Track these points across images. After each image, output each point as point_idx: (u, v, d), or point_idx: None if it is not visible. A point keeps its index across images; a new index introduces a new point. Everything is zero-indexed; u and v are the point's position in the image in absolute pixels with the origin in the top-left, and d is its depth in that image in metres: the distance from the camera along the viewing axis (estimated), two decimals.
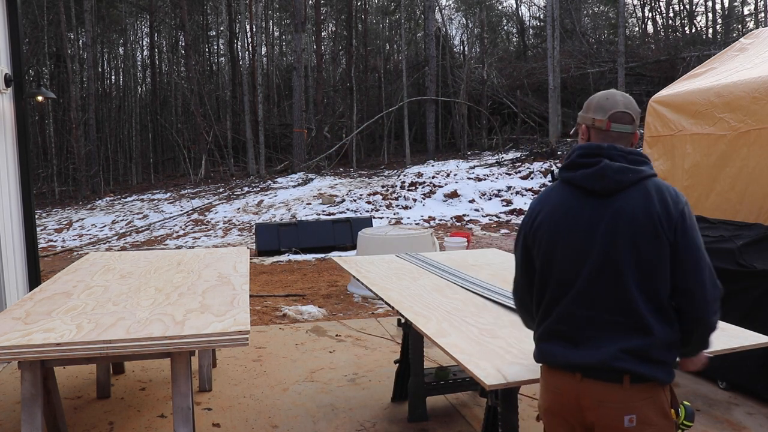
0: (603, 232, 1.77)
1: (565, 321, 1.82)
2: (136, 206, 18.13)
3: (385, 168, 22.65)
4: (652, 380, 1.76)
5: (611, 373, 1.74)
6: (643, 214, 1.74)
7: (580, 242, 1.80)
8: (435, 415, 3.70)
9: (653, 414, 1.76)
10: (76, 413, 3.79)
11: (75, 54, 26.74)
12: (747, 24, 26.56)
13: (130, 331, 2.58)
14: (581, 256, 1.79)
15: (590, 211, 1.80)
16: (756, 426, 3.50)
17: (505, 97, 25.49)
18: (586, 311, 1.79)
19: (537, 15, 33.69)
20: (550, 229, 1.85)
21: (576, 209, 1.82)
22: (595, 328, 1.77)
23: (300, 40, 22.45)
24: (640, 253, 1.73)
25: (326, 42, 32.54)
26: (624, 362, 1.73)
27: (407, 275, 3.75)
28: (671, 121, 5.37)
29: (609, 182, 1.77)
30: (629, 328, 1.74)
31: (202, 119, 25.01)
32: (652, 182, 1.79)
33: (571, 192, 1.85)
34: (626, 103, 1.90)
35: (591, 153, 1.82)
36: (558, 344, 1.83)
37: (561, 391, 1.83)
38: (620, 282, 1.74)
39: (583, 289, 1.79)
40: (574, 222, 1.81)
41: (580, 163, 1.83)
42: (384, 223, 12.89)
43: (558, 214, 1.85)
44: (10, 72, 5.02)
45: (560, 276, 1.83)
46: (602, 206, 1.78)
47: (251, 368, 4.57)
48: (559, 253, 1.83)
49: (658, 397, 1.78)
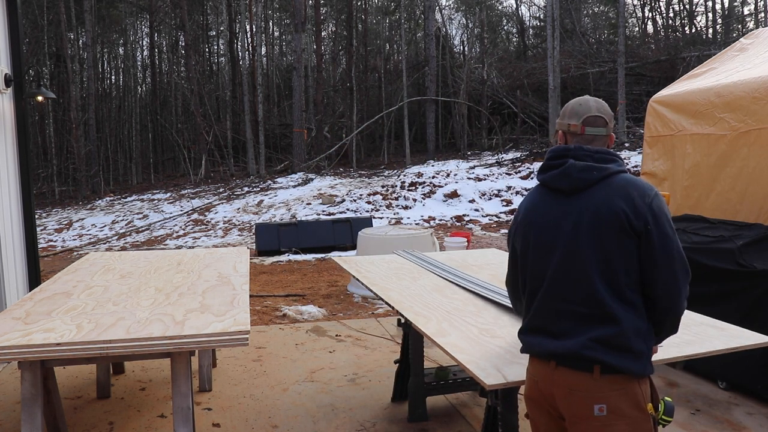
0: (568, 228, 1.86)
1: (541, 314, 1.93)
2: (136, 206, 18.13)
3: (385, 168, 22.65)
4: (625, 371, 1.79)
5: (582, 361, 1.80)
6: (606, 210, 1.81)
7: (548, 239, 1.91)
8: (435, 415, 3.70)
9: (626, 406, 1.79)
10: (76, 413, 3.79)
11: (75, 54, 26.74)
12: (747, 24, 26.57)
13: (130, 331, 2.58)
14: (549, 252, 1.91)
15: (557, 208, 1.91)
16: (756, 426, 3.50)
17: (505, 97, 25.49)
18: (557, 304, 1.88)
19: (537, 15, 33.71)
20: (524, 228, 1.99)
21: (545, 208, 1.94)
22: (567, 320, 1.86)
23: (300, 40, 22.46)
24: (603, 247, 1.81)
25: (326, 42, 32.54)
26: (593, 351, 1.79)
27: (407, 275, 3.75)
28: (671, 121, 5.37)
29: (574, 181, 1.87)
30: (597, 318, 1.81)
31: (202, 119, 25.02)
32: (620, 178, 1.86)
33: (544, 192, 1.97)
34: (599, 107, 1.98)
35: (558, 155, 1.94)
36: (537, 336, 1.93)
37: (538, 378, 1.93)
38: (584, 275, 1.83)
39: (552, 283, 1.89)
40: (544, 220, 1.93)
41: (549, 165, 1.95)
42: (384, 223, 12.90)
43: (532, 213, 1.98)
44: (10, 72, 5.02)
45: (533, 272, 1.96)
46: (568, 204, 1.89)
47: (251, 368, 4.57)
48: (531, 250, 1.96)
49: (632, 389, 1.81)
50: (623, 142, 19.49)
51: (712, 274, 3.94)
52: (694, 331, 2.54)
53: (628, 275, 1.81)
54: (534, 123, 24.56)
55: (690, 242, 4.17)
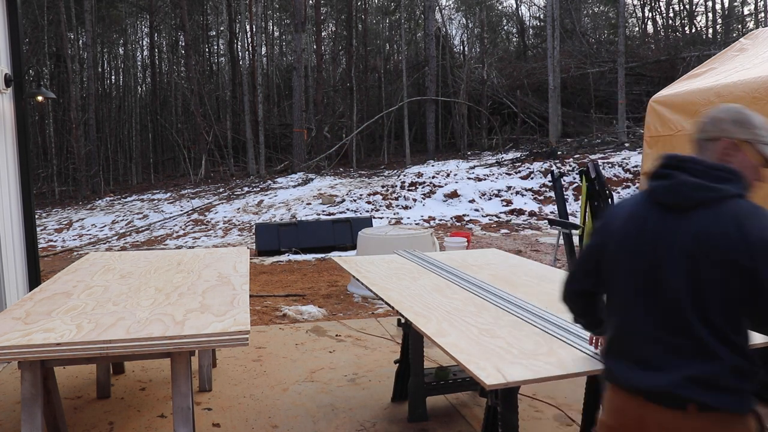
0: (664, 248, 1.65)
1: (627, 337, 1.74)
2: (136, 206, 18.13)
3: (385, 168, 22.65)
4: (723, 409, 1.60)
5: (675, 400, 1.61)
6: (712, 238, 1.59)
7: (642, 254, 1.70)
8: (435, 415, 3.70)
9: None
10: (76, 413, 3.79)
11: (75, 54, 26.74)
12: (747, 24, 26.58)
13: (130, 331, 2.58)
14: (641, 271, 1.70)
15: (657, 225, 1.69)
16: None
17: (505, 97, 25.50)
18: (647, 330, 1.68)
19: (537, 15, 33.71)
20: (618, 238, 1.77)
21: (643, 221, 1.72)
22: (657, 349, 1.66)
23: (300, 40, 22.46)
24: (699, 277, 1.60)
25: (326, 42, 32.54)
26: (688, 390, 1.60)
27: (407, 275, 3.75)
28: (671, 121, 5.38)
29: (681, 198, 1.65)
30: (693, 352, 1.61)
31: (202, 119, 25.02)
32: (735, 203, 1.61)
33: (647, 202, 1.74)
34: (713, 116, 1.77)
35: (669, 164, 1.71)
36: (620, 363, 1.75)
37: (624, 412, 1.73)
38: (677, 304, 1.63)
39: (642, 306, 1.69)
40: (640, 234, 1.71)
41: (658, 174, 1.73)
42: (384, 223, 12.90)
43: (628, 222, 1.75)
44: (10, 72, 5.02)
45: (622, 288, 1.76)
46: (671, 222, 1.66)
47: (251, 368, 4.57)
48: (622, 264, 1.75)
49: (736, 428, 1.62)
50: (623, 143, 19.50)
51: None
52: None
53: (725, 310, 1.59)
54: (534, 123, 24.56)
55: None
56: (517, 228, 12.69)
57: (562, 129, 22.80)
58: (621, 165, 15.80)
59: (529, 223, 13.34)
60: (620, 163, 15.90)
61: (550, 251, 9.56)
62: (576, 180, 15.03)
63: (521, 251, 9.83)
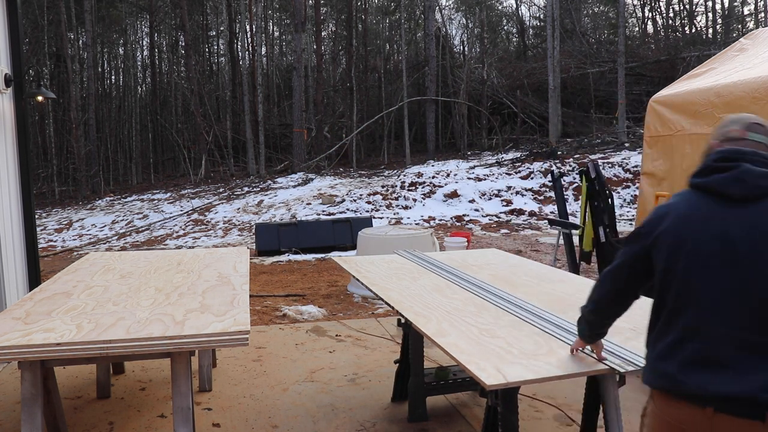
0: (741, 241, 1.58)
1: (695, 337, 1.60)
2: (136, 206, 18.13)
3: (385, 168, 22.65)
4: None
5: (755, 407, 1.49)
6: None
7: (712, 251, 1.61)
8: (435, 415, 3.70)
9: None
10: (76, 413, 3.79)
11: (75, 54, 26.74)
12: (747, 24, 26.58)
13: (130, 331, 2.58)
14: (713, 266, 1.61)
15: (724, 217, 1.61)
16: None
17: (505, 97, 25.50)
18: (722, 329, 1.56)
19: (537, 15, 33.71)
20: (675, 236, 1.67)
21: (706, 215, 1.64)
22: (735, 350, 1.54)
23: (300, 40, 22.46)
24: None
25: (326, 42, 32.54)
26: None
27: (407, 275, 3.75)
28: (671, 121, 5.38)
29: (749, 187, 1.60)
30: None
31: (202, 119, 25.02)
32: None
33: (702, 198, 1.68)
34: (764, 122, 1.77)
35: (729, 157, 1.66)
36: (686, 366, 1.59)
37: (685, 428, 1.59)
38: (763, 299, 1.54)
39: (717, 304, 1.58)
40: (705, 228, 1.62)
41: (715, 167, 1.67)
42: (384, 223, 12.90)
43: (685, 220, 1.67)
44: (10, 72, 5.02)
45: (687, 288, 1.64)
46: (739, 213, 1.60)
47: (251, 368, 4.57)
48: (683, 260, 1.64)
49: None
50: (623, 143, 19.49)
51: None
52: None
53: None
54: (534, 123, 24.56)
55: None
56: (517, 228, 12.69)
57: (562, 129, 22.80)
58: (621, 165, 15.81)
59: (529, 223, 13.34)
60: (620, 163, 15.90)
61: (550, 251, 9.56)
62: (576, 180, 15.03)
63: (521, 251, 9.83)
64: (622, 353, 2.26)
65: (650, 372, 1.73)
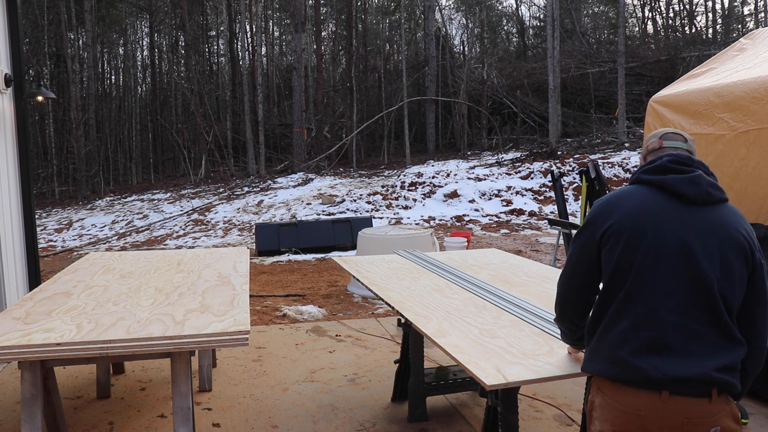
0: (694, 238, 1.72)
1: (649, 325, 1.70)
2: (136, 206, 18.14)
3: (385, 168, 22.65)
4: (732, 390, 1.71)
5: (704, 386, 1.66)
6: (736, 232, 1.74)
7: (668, 244, 1.72)
8: (435, 415, 3.70)
9: (731, 422, 1.72)
10: (76, 413, 3.79)
11: (75, 54, 26.73)
12: (747, 24, 26.59)
13: (130, 331, 2.58)
14: (669, 259, 1.72)
15: (680, 214, 1.75)
16: (756, 426, 3.50)
17: (505, 97, 25.50)
18: (675, 317, 1.69)
19: (537, 15, 33.72)
20: (633, 228, 1.76)
21: (664, 211, 1.76)
22: (686, 337, 1.68)
23: (300, 40, 22.46)
24: (729, 268, 1.71)
25: (326, 42, 32.55)
26: (723, 374, 1.67)
27: (407, 275, 3.75)
28: (671, 121, 5.37)
29: (702, 192, 1.76)
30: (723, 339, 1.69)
31: (202, 119, 25.02)
32: (731, 206, 1.82)
33: (657, 194, 1.79)
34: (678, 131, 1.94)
35: (684, 162, 1.81)
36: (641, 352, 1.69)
37: (645, 413, 1.67)
38: (711, 292, 1.69)
39: (670, 294, 1.70)
40: (663, 222, 1.74)
41: (671, 168, 1.80)
42: (384, 223, 12.90)
43: (643, 213, 1.76)
44: (10, 72, 5.02)
45: (642, 278, 1.73)
46: (693, 212, 1.75)
47: (251, 368, 4.57)
48: (642, 253, 1.73)
49: (732, 405, 1.74)
50: (623, 143, 19.50)
51: None
52: None
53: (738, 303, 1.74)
54: (534, 123, 24.57)
55: None
56: (517, 228, 12.69)
57: (562, 129, 22.80)
58: (621, 165, 15.81)
59: (529, 223, 13.34)
60: (620, 163, 15.90)
61: (550, 251, 9.56)
62: (576, 180, 15.03)
63: (521, 251, 9.84)
64: None
65: (602, 361, 1.77)
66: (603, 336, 1.79)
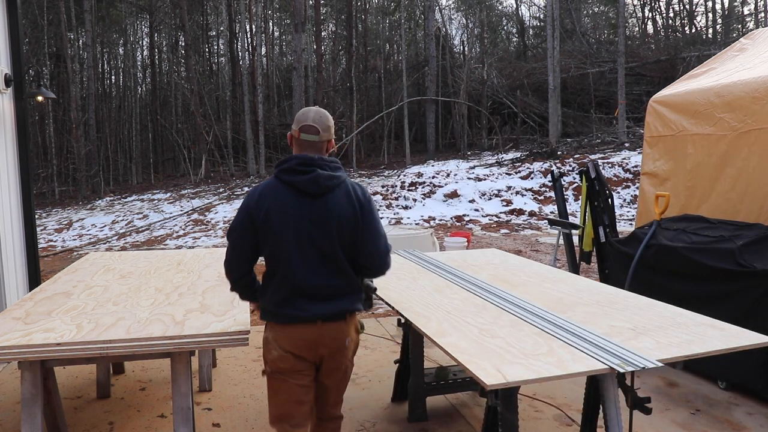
0: (314, 221, 2.38)
1: (302, 285, 2.39)
2: (136, 206, 18.14)
3: (385, 168, 22.66)
4: (355, 312, 2.52)
5: (339, 316, 2.44)
6: (346, 206, 2.41)
7: (303, 229, 2.38)
8: (435, 415, 3.70)
9: (354, 333, 2.54)
10: (76, 413, 3.79)
11: (75, 54, 26.75)
12: (747, 24, 26.60)
13: (130, 331, 2.58)
14: (305, 238, 2.38)
15: (308, 206, 2.39)
16: (756, 426, 3.50)
17: (505, 97, 25.50)
18: (316, 279, 2.40)
19: (537, 15, 33.72)
20: (279, 219, 2.37)
21: (297, 204, 2.38)
22: (327, 288, 2.42)
23: (300, 40, 22.46)
24: (342, 234, 2.40)
25: (326, 42, 32.55)
26: (346, 307, 2.45)
27: (407, 275, 3.75)
28: (672, 122, 5.37)
29: (320, 187, 2.39)
30: (345, 285, 2.46)
31: (202, 119, 25.02)
32: (347, 183, 2.47)
33: (289, 190, 2.40)
34: (315, 118, 2.46)
35: (307, 163, 2.39)
36: (300, 304, 2.40)
37: (304, 337, 2.42)
38: (333, 253, 2.40)
39: (312, 262, 2.40)
40: (299, 213, 2.38)
41: (297, 170, 2.39)
42: (384, 223, 12.89)
43: (285, 207, 2.38)
44: (10, 72, 5.02)
45: (291, 255, 2.38)
46: (313, 202, 2.39)
47: (251, 368, 4.57)
48: (288, 236, 2.37)
49: (355, 321, 2.55)
50: (623, 143, 19.49)
51: (712, 274, 3.94)
52: (693, 331, 2.54)
53: (352, 253, 2.46)
54: (534, 123, 24.57)
55: (690, 242, 4.17)
56: (517, 228, 12.69)
57: (562, 129, 22.80)
58: (621, 165, 15.81)
59: (529, 223, 13.34)
60: (620, 163, 15.90)
61: (550, 251, 9.56)
62: (576, 180, 15.03)
63: (521, 251, 9.84)
64: (622, 353, 2.26)
65: (270, 314, 2.47)
66: (271, 295, 2.44)
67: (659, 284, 4.26)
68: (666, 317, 2.74)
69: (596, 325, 2.64)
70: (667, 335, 2.48)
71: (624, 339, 2.44)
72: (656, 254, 4.36)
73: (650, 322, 2.66)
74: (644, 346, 2.34)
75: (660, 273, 4.32)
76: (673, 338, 2.44)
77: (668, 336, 2.47)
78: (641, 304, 2.99)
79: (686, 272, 4.13)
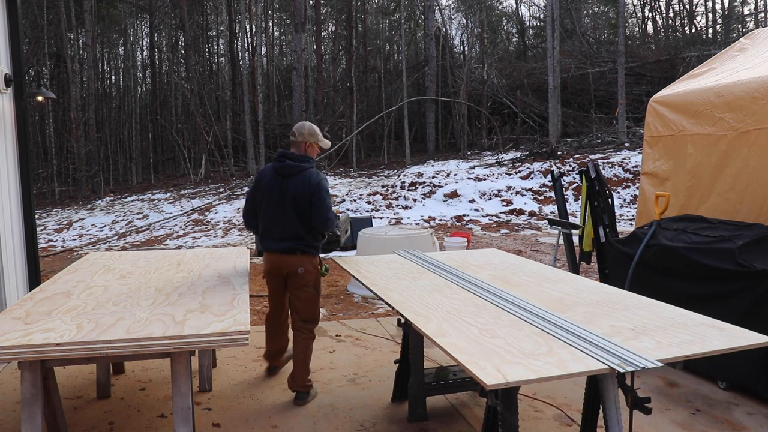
0: (285, 192, 3.81)
1: (270, 230, 3.88)
2: (136, 206, 18.14)
3: (385, 168, 22.65)
4: (308, 253, 3.89)
5: (292, 251, 3.85)
6: (303, 186, 3.79)
7: (274, 196, 3.84)
8: (435, 415, 3.70)
9: (309, 266, 3.90)
10: (76, 413, 3.79)
11: (75, 54, 26.74)
12: (747, 24, 26.60)
13: (130, 331, 2.58)
14: (275, 202, 3.84)
15: (279, 182, 3.85)
16: (756, 426, 3.50)
17: (505, 97, 25.50)
18: (278, 227, 3.85)
19: (537, 15, 33.72)
20: (263, 188, 3.89)
21: (274, 180, 3.87)
22: (282, 233, 3.85)
23: (300, 40, 22.45)
24: (299, 202, 3.79)
25: (326, 42, 32.55)
26: (297, 246, 3.85)
27: (407, 275, 3.75)
28: (672, 122, 5.37)
29: (288, 171, 3.84)
30: (295, 234, 3.84)
31: (202, 119, 25.02)
32: (309, 171, 3.85)
33: (273, 172, 3.88)
34: (297, 127, 4.01)
35: (283, 155, 3.90)
36: (269, 241, 3.90)
37: (272, 261, 3.93)
38: (291, 217, 3.81)
39: (275, 217, 3.85)
40: (272, 186, 3.86)
41: (277, 159, 3.89)
42: (384, 223, 12.89)
43: (267, 181, 3.89)
44: (10, 72, 5.02)
45: (266, 211, 3.88)
46: (285, 181, 3.84)
47: (251, 368, 4.57)
48: (267, 199, 3.87)
49: (312, 260, 3.92)
50: (623, 143, 19.50)
51: (712, 274, 3.94)
52: (693, 331, 2.54)
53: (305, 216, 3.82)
54: (534, 123, 24.57)
55: (690, 242, 4.17)
56: (517, 228, 12.69)
57: (562, 129, 22.80)
58: (621, 165, 15.81)
59: (529, 223, 13.34)
60: (620, 163, 15.90)
61: (550, 251, 9.57)
62: (576, 180, 15.03)
63: (521, 251, 9.84)
64: (622, 353, 2.26)
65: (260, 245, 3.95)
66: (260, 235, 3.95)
67: (659, 284, 4.26)
68: (666, 317, 2.74)
69: (596, 325, 2.64)
70: (667, 335, 2.48)
71: (624, 339, 2.44)
72: (656, 254, 4.36)
73: (650, 322, 2.66)
74: (644, 346, 2.34)
75: (660, 273, 4.32)
76: (673, 338, 2.44)
77: (668, 336, 2.47)
78: (641, 304, 2.99)
79: (686, 272, 4.13)
